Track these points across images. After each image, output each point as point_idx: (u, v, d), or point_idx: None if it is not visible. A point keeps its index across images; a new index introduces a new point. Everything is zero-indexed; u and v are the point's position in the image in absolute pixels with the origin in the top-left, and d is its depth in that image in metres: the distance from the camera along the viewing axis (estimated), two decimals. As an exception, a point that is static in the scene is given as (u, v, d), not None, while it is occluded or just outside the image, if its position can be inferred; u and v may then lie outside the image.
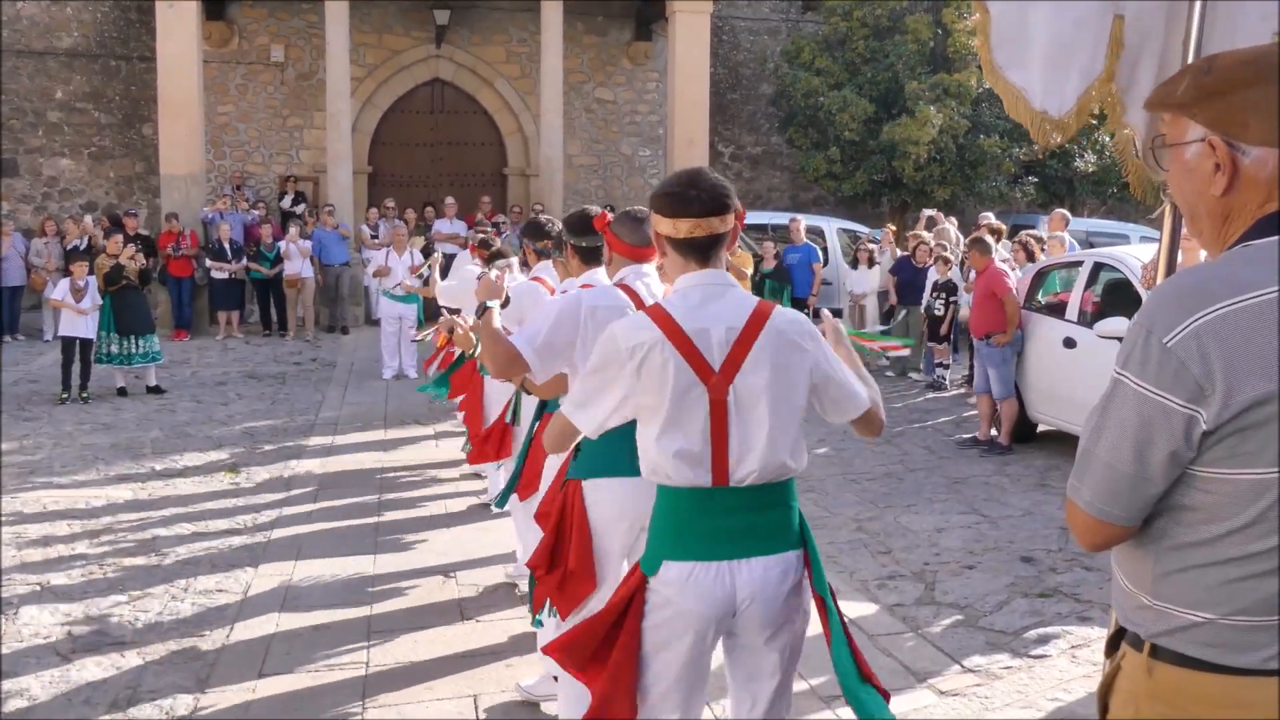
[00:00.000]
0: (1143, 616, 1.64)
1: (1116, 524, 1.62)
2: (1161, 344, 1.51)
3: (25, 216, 16.65)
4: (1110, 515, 1.61)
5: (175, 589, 5.24)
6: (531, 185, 17.83)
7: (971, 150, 16.43)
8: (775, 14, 19.95)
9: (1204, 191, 1.63)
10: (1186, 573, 1.58)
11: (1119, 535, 1.64)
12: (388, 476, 7.50)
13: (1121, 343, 1.60)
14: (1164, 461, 1.55)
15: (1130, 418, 1.55)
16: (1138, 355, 1.55)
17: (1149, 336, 1.53)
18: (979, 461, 8.05)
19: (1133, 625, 1.67)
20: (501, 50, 18.16)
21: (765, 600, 2.36)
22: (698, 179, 2.42)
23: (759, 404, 2.33)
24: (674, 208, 2.40)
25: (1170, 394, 1.51)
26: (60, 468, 7.67)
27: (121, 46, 17.35)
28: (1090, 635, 4.68)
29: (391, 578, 5.41)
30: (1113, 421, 1.58)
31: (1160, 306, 1.55)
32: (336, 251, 14.81)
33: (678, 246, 2.43)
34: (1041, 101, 3.00)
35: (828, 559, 5.56)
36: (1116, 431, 1.58)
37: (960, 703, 4.03)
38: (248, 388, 11.07)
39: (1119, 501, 1.59)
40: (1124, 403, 1.57)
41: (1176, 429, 1.52)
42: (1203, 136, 1.62)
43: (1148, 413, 1.53)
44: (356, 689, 4.11)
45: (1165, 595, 1.60)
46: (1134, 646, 1.66)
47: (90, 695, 4.08)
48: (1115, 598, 1.75)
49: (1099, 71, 2.95)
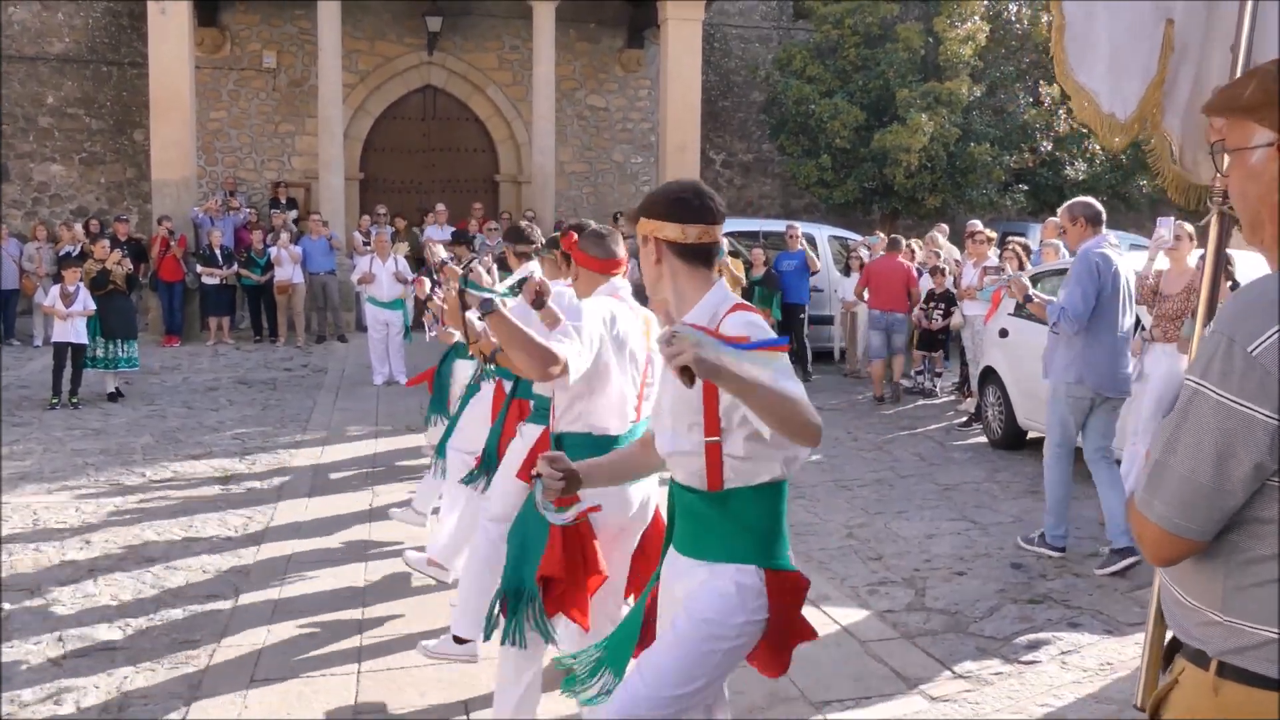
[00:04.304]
0: (1209, 633, 1.58)
1: (1190, 538, 1.56)
2: (1246, 353, 1.47)
3: (16, 222, 16.60)
4: (1185, 530, 1.55)
5: (166, 596, 5.23)
6: (523, 192, 17.85)
7: (962, 158, 16.49)
8: (767, 22, 20.02)
9: (1268, 198, 1.59)
10: (1262, 588, 1.52)
11: (1191, 550, 1.58)
12: (379, 482, 7.49)
13: (1197, 352, 1.55)
14: (1247, 474, 1.50)
15: (1210, 429, 1.50)
16: (1218, 365, 1.50)
17: (1231, 346, 1.49)
18: (969, 468, 8.08)
19: (1195, 641, 1.61)
20: (494, 57, 18.19)
21: None
22: (701, 189, 2.50)
23: None
24: (686, 214, 2.45)
25: (1255, 404, 1.47)
26: (50, 473, 7.64)
27: (113, 52, 17.34)
28: (1080, 641, 4.70)
29: (383, 585, 5.40)
30: (1189, 433, 1.53)
31: (1242, 315, 1.50)
32: (322, 260, 14.80)
33: (683, 252, 2.47)
34: (1109, 104, 2.99)
35: (819, 565, 5.59)
36: (1194, 443, 1.52)
37: (951, 708, 4.05)
38: (239, 394, 11.05)
39: (1195, 516, 1.54)
40: (1203, 414, 1.52)
41: (1261, 440, 1.47)
42: (1270, 141, 1.58)
43: (1230, 424, 1.49)
44: (348, 696, 4.11)
45: (1237, 611, 1.54)
46: (1196, 663, 1.60)
47: (81, 702, 4.07)
48: (1170, 612, 1.68)
49: (1153, 75, 2.94)
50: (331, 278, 14.84)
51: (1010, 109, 17.87)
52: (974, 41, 16.77)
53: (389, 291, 11.85)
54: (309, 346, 14.38)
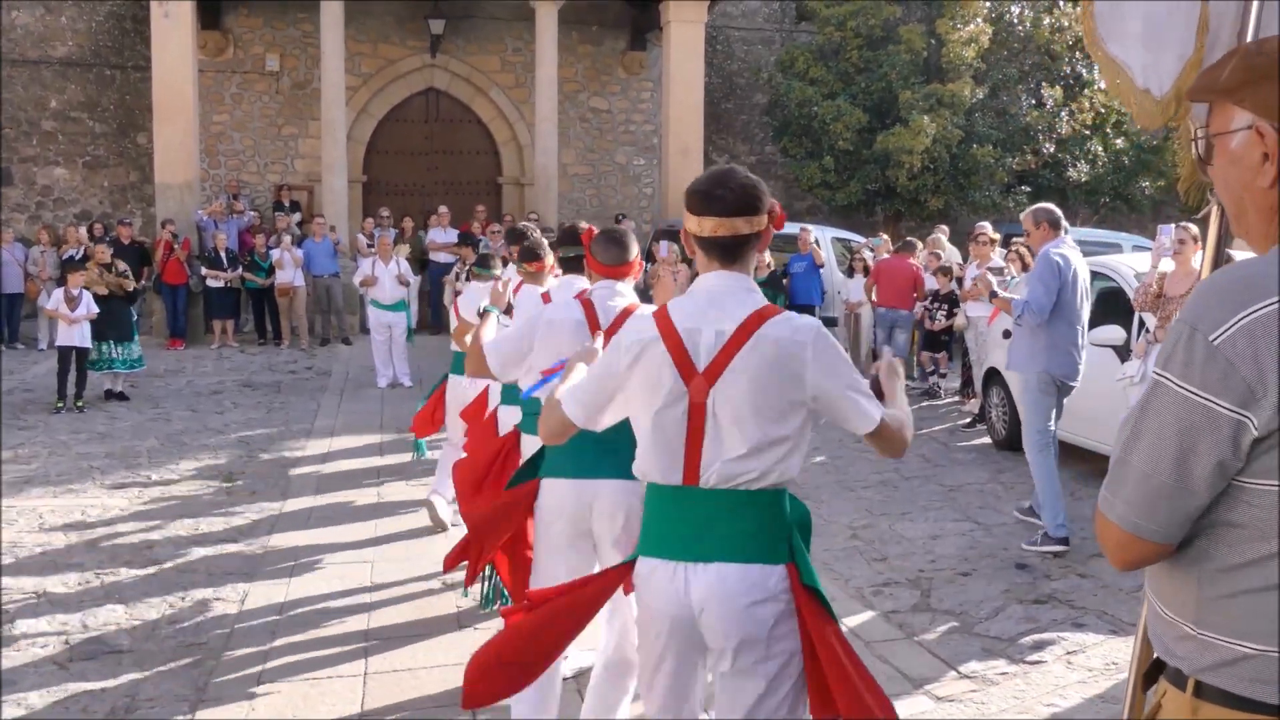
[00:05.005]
0: (1185, 649, 1.48)
1: (1152, 540, 1.46)
2: (1208, 342, 1.37)
3: (20, 225, 16.63)
4: (1145, 531, 1.46)
5: (172, 598, 5.24)
6: (526, 194, 17.87)
7: (965, 159, 16.50)
8: (769, 24, 20.03)
9: (1251, 183, 1.49)
10: (1235, 599, 1.41)
11: (1154, 553, 1.48)
12: (384, 485, 7.50)
13: (1162, 343, 1.46)
14: (1209, 472, 1.39)
15: (1171, 423, 1.40)
16: (1180, 355, 1.40)
17: (1193, 334, 1.38)
18: (973, 469, 8.08)
19: (1174, 659, 1.50)
20: (496, 59, 18.21)
21: (721, 605, 2.27)
22: (727, 178, 2.36)
23: (739, 410, 2.29)
24: (700, 205, 2.36)
25: (1217, 397, 1.36)
26: (56, 476, 7.66)
27: (116, 56, 17.37)
28: (1085, 641, 4.70)
29: (389, 586, 5.42)
30: (1151, 427, 1.43)
31: (1205, 302, 1.40)
32: (325, 262, 14.82)
33: (702, 245, 2.39)
34: (1144, 79, 2.75)
35: (823, 566, 5.59)
36: (1155, 438, 1.42)
37: (956, 709, 4.05)
38: (243, 397, 11.06)
39: (1156, 516, 1.44)
40: (1164, 407, 1.41)
41: (1223, 436, 1.37)
42: (1250, 124, 1.48)
43: (1191, 418, 1.38)
44: (354, 697, 4.12)
45: (1211, 624, 1.43)
46: (1175, 684, 1.50)
47: (88, 705, 4.07)
48: (1152, 626, 1.58)
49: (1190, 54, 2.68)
50: (335, 280, 14.87)
51: (1013, 111, 17.89)
52: (976, 43, 16.77)
53: (391, 294, 11.85)
54: (313, 349, 14.40)
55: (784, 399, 2.30)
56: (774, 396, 2.29)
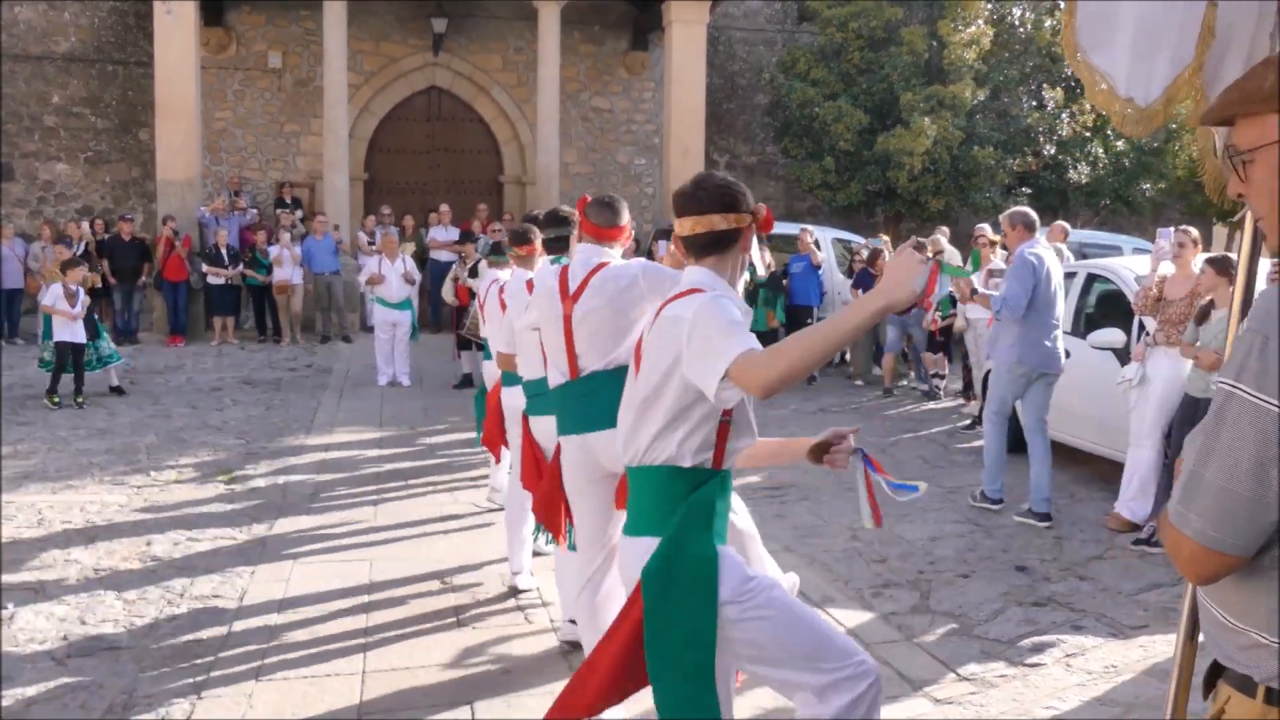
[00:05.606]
0: (1256, 656, 1.46)
1: (1230, 554, 1.44)
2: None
3: (21, 221, 16.63)
4: (1223, 544, 1.43)
5: (171, 594, 5.24)
6: (528, 193, 17.86)
7: (966, 161, 16.49)
8: (771, 25, 20.03)
9: None
10: None
11: (1231, 566, 1.46)
12: (383, 482, 7.50)
13: (1231, 354, 1.43)
14: None
15: (1247, 434, 1.38)
16: (1254, 364, 1.37)
17: (1267, 343, 1.36)
18: (973, 471, 8.06)
19: (1240, 666, 1.48)
20: (498, 59, 18.20)
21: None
22: (705, 179, 2.52)
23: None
24: (682, 206, 2.50)
25: None
26: (55, 472, 7.66)
27: (119, 51, 17.37)
28: (1085, 644, 4.70)
29: (387, 584, 5.41)
30: (1226, 440, 1.40)
31: (1277, 311, 1.38)
32: (326, 260, 14.82)
33: (685, 243, 2.52)
34: (1126, 88, 2.75)
35: (823, 567, 5.60)
36: (1230, 451, 1.40)
37: (956, 711, 4.05)
38: (243, 393, 11.06)
39: (1235, 529, 1.41)
40: (1239, 418, 1.39)
41: None
42: None
43: (1269, 428, 1.36)
44: (352, 695, 4.12)
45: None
46: (1242, 690, 1.48)
47: (86, 701, 4.07)
48: (1210, 634, 1.56)
49: (1188, 60, 2.67)
50: (336, 278, 14.87)
51: (1014, 112, 17.88)
52: (978, 45, 16.77)
53: (398, 292, 11.87)
54: (313, 347, 14.40)
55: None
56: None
